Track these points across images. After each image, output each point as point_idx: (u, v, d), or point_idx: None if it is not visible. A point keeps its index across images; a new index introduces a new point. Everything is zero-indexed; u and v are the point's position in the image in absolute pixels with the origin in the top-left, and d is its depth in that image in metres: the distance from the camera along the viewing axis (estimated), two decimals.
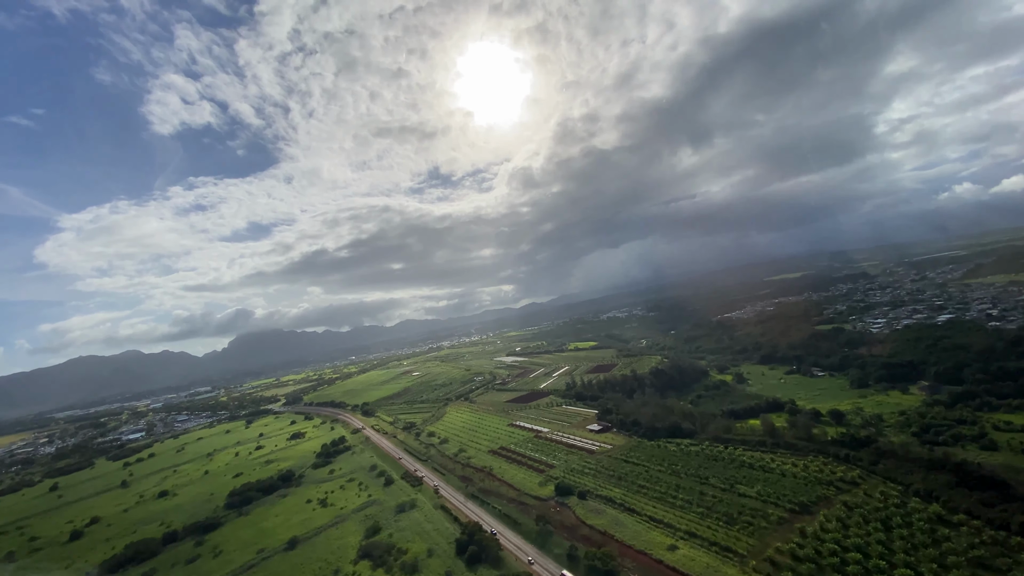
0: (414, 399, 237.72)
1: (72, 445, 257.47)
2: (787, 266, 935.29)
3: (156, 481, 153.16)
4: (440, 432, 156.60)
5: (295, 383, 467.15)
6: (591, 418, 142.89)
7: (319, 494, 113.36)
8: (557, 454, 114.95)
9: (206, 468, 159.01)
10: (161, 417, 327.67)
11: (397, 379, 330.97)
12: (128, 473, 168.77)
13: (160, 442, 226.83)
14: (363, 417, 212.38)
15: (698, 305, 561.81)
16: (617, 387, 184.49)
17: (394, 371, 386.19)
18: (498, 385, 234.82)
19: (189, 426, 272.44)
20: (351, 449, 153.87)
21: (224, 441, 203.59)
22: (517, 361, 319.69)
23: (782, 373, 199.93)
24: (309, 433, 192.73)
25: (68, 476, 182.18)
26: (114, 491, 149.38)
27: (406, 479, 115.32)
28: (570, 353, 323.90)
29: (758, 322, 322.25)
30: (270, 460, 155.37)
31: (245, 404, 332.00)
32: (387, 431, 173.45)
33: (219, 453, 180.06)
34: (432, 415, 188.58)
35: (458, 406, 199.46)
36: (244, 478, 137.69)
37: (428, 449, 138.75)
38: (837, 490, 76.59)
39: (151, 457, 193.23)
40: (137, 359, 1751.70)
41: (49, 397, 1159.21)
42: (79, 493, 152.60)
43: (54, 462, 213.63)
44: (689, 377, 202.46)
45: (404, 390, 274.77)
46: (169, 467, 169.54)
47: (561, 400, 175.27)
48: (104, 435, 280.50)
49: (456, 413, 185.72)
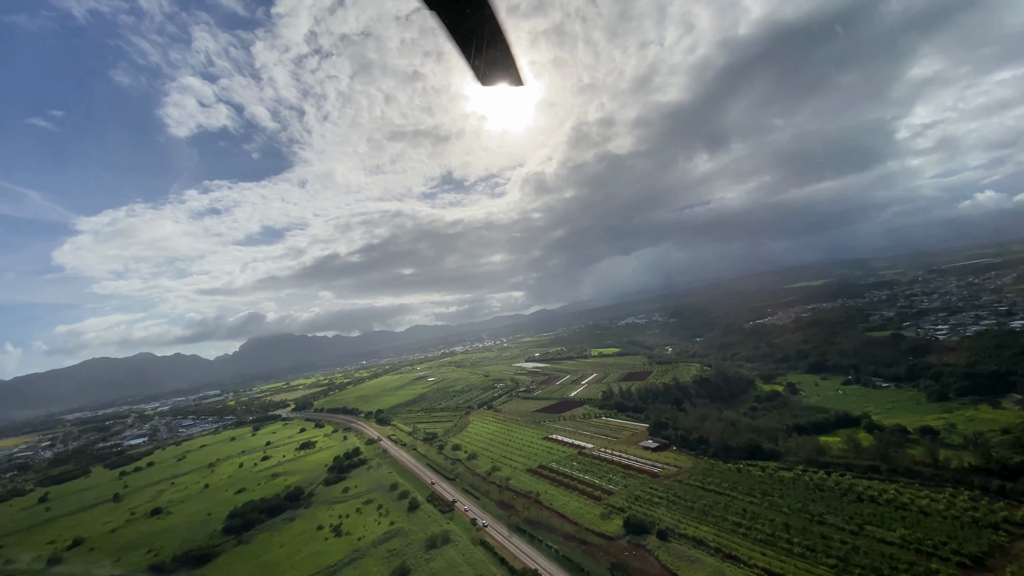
0: (432, 406, 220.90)
1: (72, 450, 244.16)
2: (804, 274, 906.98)
3: (151, 495, 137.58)
4: (466, 445, 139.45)
5: (305, 388, 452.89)
6: (642, 433, 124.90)
7: (332, 519, 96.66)
8: (612, 476, 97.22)
9: (206, 481, 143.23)
10: (166, 422, 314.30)
11: (412, 385, 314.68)
12: (123, 484, 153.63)
13: (162, 449, 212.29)
14: (378, 425, 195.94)
15: (720, 312, 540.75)
16: (659, 397, 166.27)
17: (408, 376, 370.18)
18: (522, 393, 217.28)
19: (193, 432, 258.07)
20: (367, 463, 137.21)
21: (228, 449, 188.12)
22: (538, 367, 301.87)
23: (838, 383, 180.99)
24: (320, 443, 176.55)
25: (61, 485, 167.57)
26: (105, 505, 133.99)
27: (433, 503, 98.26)
28: (594, 359, 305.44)
29: (796, 328, 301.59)
30: (277, 473, 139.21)
31: (253, 409, 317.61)
32: (406, 442, 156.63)
33: (222, 463, 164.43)
34: (454, 425, 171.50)
35: (481, 415, 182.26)
36: (247, 495, 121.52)
37: (455, 465, 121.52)
38: (1010, 535, 58.31)
39: (149, 466, 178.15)
40: (150, 361, 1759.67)
41: (62, 398, 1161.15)
42: (68, 506, 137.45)
43: (50, 468, 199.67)
44: (736, 387, 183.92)
45: (420, 396, 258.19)
46: (167, 478, 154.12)
47: (599, 411, 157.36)
48: (106, 440, 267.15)
49: (480, 423, 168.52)
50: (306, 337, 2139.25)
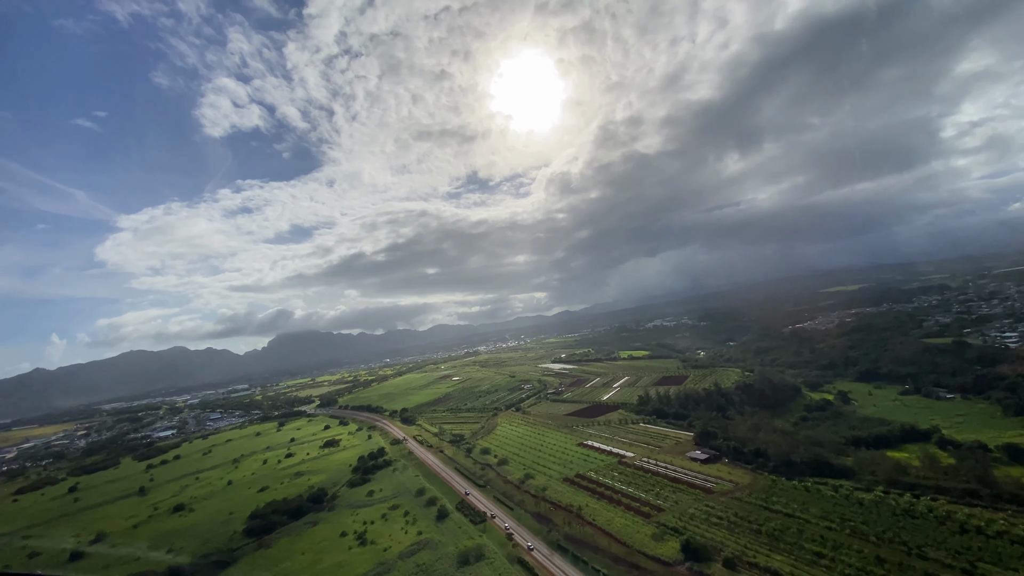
0: (458, 407, 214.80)
1: (105, 440, 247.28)
2: (840, 278, 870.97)
3: (175, 490, 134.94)
4: (495, 449, 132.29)
5: (330, 384, 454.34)
6: (687, 442, 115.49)
7: (356, 525, 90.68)
8: (660, 491, 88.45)
9: (230, 477, 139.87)
10: (195, 414, 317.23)
11: (436, 384, 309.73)
12: (149, 477, 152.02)
13: (189, 442, 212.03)
14: (403, 425, 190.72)
15: (753, 315, 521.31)
16: (701, 403, 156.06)
17: (432, 375, 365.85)
18: (551, 395, 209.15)
19: (220, 425, 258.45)
20: (392, 464, 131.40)
21: (253, 445, 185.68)
22: (565, 369, 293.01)
23: (894, 393, 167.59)
24: (344, 441, 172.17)
25: (92, 475, 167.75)
26: (131, 498, 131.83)
27: (463, 511, 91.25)
28: (624, 362, 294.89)
29: (841, 334, 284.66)
30: (300, 472, 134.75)
31: (279, 404, 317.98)
32: (432, 444, 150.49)
33: (246, 459, 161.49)
34: (481, 427, 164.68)
35: (509, 417, 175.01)
36: (270, 494, 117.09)
37: (485, 471, 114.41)
38: None
39: (176, 459, 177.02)
40: (183, 355, 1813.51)
41: (101, 388, 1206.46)
42: (95, 498, 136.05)
43: (83, 458, 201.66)
44: (782, 394, 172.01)
45: (445, 396, 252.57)
46: (192, 473, 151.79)
47: (636, 416, 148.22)
48: (138, 431, 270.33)
49: (509, 426, 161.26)
50: (332, 334, 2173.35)
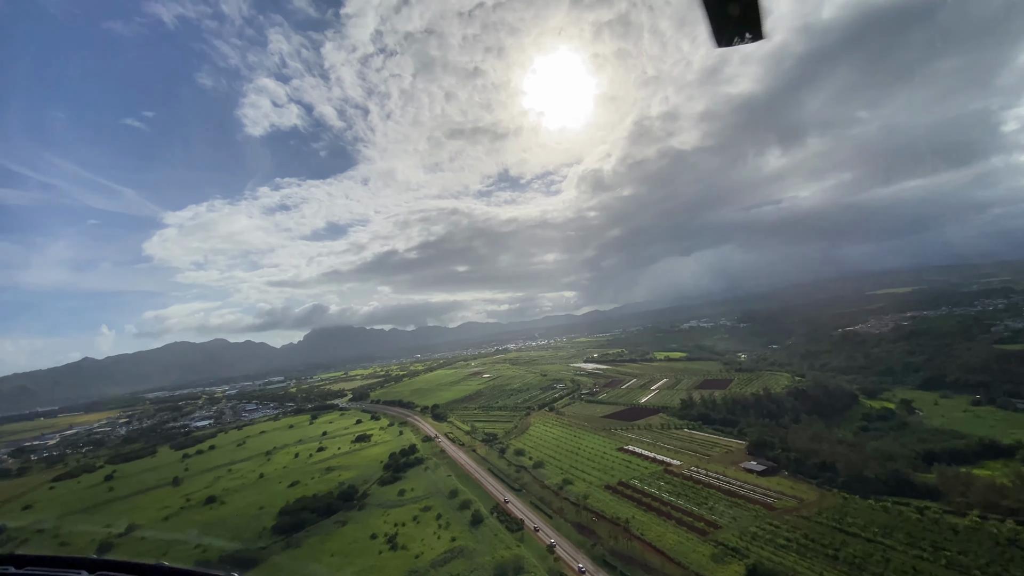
0: (489, 404, 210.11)
1: (145, 428, 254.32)
2: (889, 280, 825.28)
3: (208, 481, 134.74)
4: (530, 450, 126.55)
5: (362, 378, 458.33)
6: (738, 451, 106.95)
7: (387, 526, 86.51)
8: (714, 505, 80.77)
9: (262, 470, 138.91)
10: (232, 405, 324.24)
11: (467, 380, 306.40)
12: (184, 468, 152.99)
13: (224, 432, 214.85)
14: (434, 421, 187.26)
15: (796, 317, 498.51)
16: (749, 409, 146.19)
17: (462, 371, 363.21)
18: (585, 395, 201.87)
19: (255, 416, 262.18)
20: (423, 462, 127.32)
21: (286, 438, 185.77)
22: (599, 369, 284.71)
23: (964, 403, 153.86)
24: (376, 436, 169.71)
25: (129, 463, 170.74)
26: (164, 488, 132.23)
27: (499, 517, 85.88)
28: (661, 364, 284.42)
29: (897, 338, 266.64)
30: (331, 467, 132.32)
31: (312, 397, 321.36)
32: (464, 442, 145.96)
33: (278, 452, 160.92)
34: (514, 426, 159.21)
35: (543, 417, 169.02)
36: (300, 489, 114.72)
37: (520, 474, 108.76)
38: None
39: (211, 450, 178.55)
40: (224, 347, 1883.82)
41: (146, 378, 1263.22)
42: (130, 487, 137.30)
43: (122, 446, 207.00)
44: (838, 401, 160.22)
45: (476, 393, 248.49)
46: (225, 464, 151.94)
47: (679, 421, 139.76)
48: (177, 420, 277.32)
49: (543, 426, 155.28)
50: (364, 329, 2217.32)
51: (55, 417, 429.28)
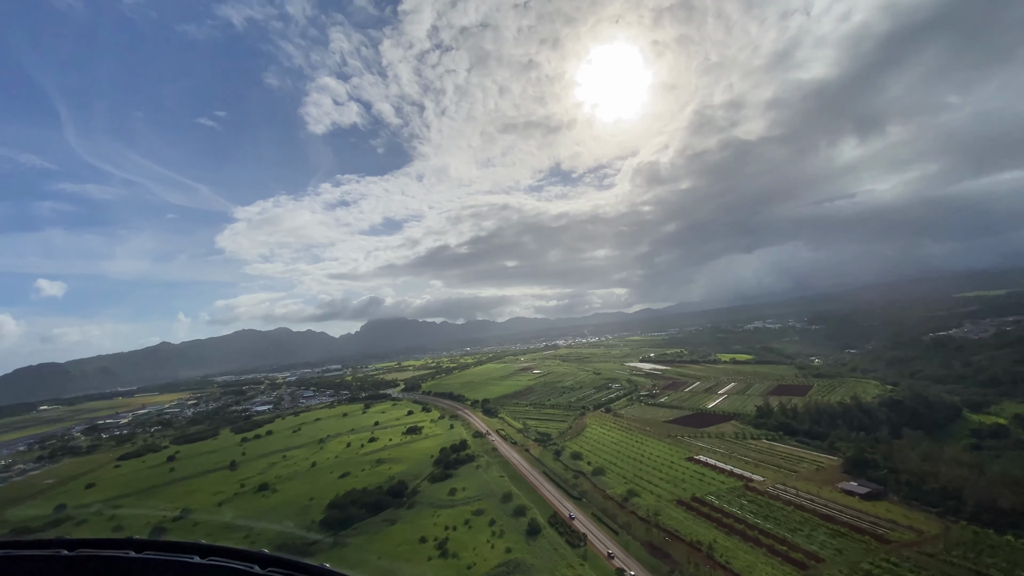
0: (540, 402, 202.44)
1: (210, 410, 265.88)
2: (977, 281, 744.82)
3: (263, 467, 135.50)
4: (588, 454, 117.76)
5: (414, 369, 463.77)
6: (832, 469, 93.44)
7: (437, 529, 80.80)
8: (811, 532, 69.07)
9: (315, 458, 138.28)
10: (291, 391, 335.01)
11: (516, 376, 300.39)
12: (241, 452, 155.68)
13: (282, 418, 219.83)
14: (484, 416, 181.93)
15: (875, 320, 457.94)
16: (837, 420, 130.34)
17: (512, 366, 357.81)
18: (644, 397, 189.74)
19: (312, 403, 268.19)
20: (475, 460, 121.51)
21: (339, 426, 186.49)
22: (657, 369, 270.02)
23: None
24: (426, 428, 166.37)
25: (191, 445, 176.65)
26: (221, 472, 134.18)
27: (557, 528, 78.00)
28: (726, 366, 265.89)
29: (1001, 345, 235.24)
30: (382, 460, 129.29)
31: (366, 386, 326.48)
32: (516, 440, 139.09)
33: (331, 440, 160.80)
34: (569, 427, 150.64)
35: (599, 419, 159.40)
36: (350, 481, 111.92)
37: (578, 480, 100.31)
38: None
39: (268, 435, 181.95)
40: (287, 335, 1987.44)
41: (217, 362, 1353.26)
42: (190, 468, 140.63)
43: (187, 427, 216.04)
44: (939, 414, 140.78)
45: (527, 389, 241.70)
46: (280, 450, 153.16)
47: (755, 430, 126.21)
48: (239, 403, 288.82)
49: (600, 428, 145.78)
50: (417, 322, 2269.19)
51: (132, 397, 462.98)
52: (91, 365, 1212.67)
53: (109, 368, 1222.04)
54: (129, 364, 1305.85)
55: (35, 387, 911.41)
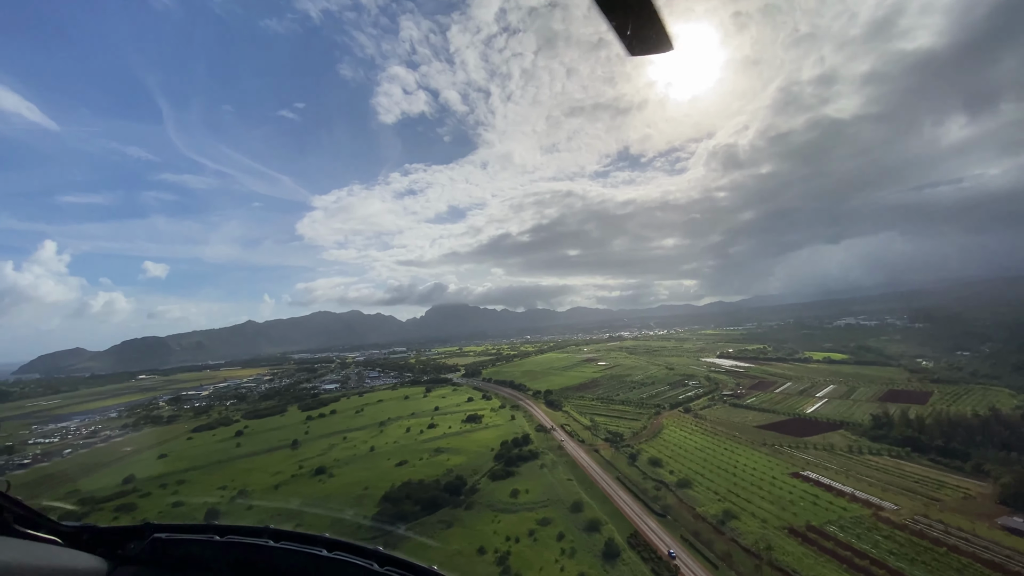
0: (608, 396, 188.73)
1: (282, 386, 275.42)
2: None
3: (323, 447, 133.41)
4: (668, 461, 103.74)
5: (475, 355, 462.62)
6: (983, 498, 74.17)
7: (498, 539, 71.21)
8: None
9: (373, 442, 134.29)
10: (358, 371, 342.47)
11: (580, 367, 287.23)
12: (304, 430, 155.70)
13: (347, 397, 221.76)
14: (548, 409, 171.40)
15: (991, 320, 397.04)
16: (975, 434, 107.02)
17: (574, 356, 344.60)
18: (728, 398, 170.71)
19: (376, 384, 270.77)
20: (538, 457, 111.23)
21: (400, 409, 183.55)
22: (738, 367, 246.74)
23: None
24: (487, 418, 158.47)
25: (260, 420, 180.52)
26: (283, 451, 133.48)
27: (640, 552, 65.78)
28: (819, 366, 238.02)
29: None
30: (440, 449, 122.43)
31: (428, 369, 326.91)
32: (584, 438, 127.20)
33: (391, 424, 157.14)
34: (643, 427, 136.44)
35: (678, 420, 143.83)
36: (407, 470, 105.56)
37: (660, 492, 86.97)
38: None
39: (332, 414, 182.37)
40: (358, 318, 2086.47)
41: (295, 341, 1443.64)
42: (255, 445, 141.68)
43: (259, 402, 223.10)
44: None
45: (592, 382, 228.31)
46: (341, 431, 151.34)
47: (872, 444, 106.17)
48: (310, 381, 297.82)
49: (679, 431, 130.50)
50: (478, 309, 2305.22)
51: (218, 370, 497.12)
52: (187, 340, 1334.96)
53: (202, 343, 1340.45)
54: (219, 340, 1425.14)
55: (140, 358, 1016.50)
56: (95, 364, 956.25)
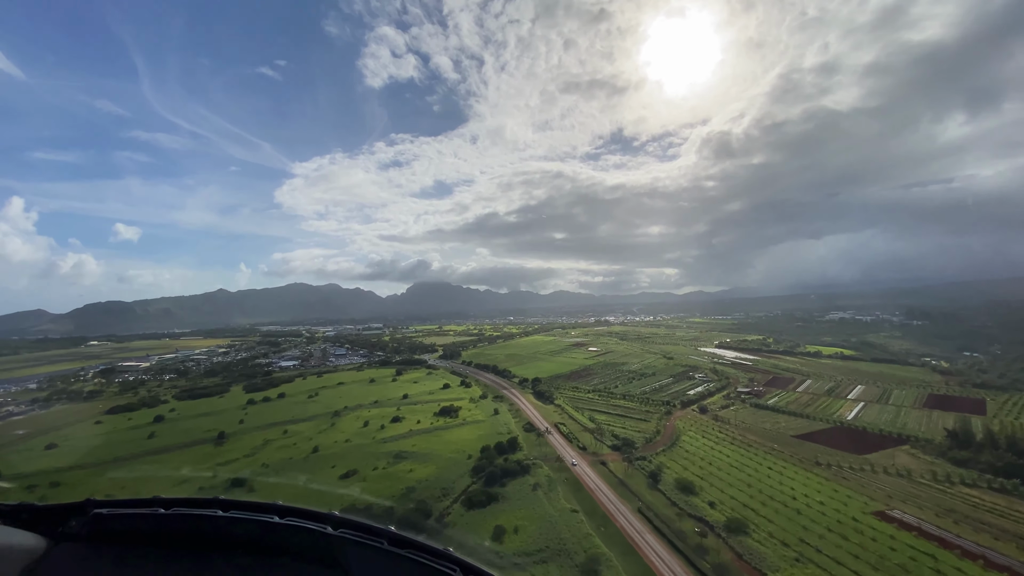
0: (606, 388, 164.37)
1: (235, 361, 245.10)
2: None
3: (254, 444, 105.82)
4: (701, 484, 78.73)
5: (455, 334, 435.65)
6: None
7: None
8: None
9: (319, 440, 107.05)
10: (323, 347, 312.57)
11: (569, 352, 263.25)
12: (239, 419, 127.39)
13: (303, 377, 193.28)
14: (536, 401, 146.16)
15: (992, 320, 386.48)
16: None
17: (562, 340, 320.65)
18: (746, 396, 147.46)
19: (341, 363, 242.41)
20: (529, 471, 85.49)
21: (362, 395, 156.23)
22: (742, 358, 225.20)
23: None
24: (465, 411, 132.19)
25: (193, 402, 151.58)
26: (203, 446, 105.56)
27: None
28: (831, 362, 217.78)
29: None
30: (402, 454, 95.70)
31: (402, 348, 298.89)
32: (584, 444, 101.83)
33: (347, 415, 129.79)
34: (656, 431, 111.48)
35: (695, 421, 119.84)
36: (353, 486, 79.19)
37: (705, 540, 61.86)
38: None
39: (280, 398, 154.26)
40: (336, 292, 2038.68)
41: (268, 312, 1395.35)
42: (172, 436, 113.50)
43: (200, 378, 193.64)
44: None
45: (584, 369, 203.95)
46: (284, 422, 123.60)
47: (954, 468, 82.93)
48: (268, 356, 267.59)
49: (700, 437, 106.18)
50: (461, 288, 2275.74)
51: (178, 339, 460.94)
52: (155, 306, 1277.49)
53: (171, 310, 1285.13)
54: (189, 308, 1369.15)
55: (102, 323, 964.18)
56: (53, 327, 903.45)
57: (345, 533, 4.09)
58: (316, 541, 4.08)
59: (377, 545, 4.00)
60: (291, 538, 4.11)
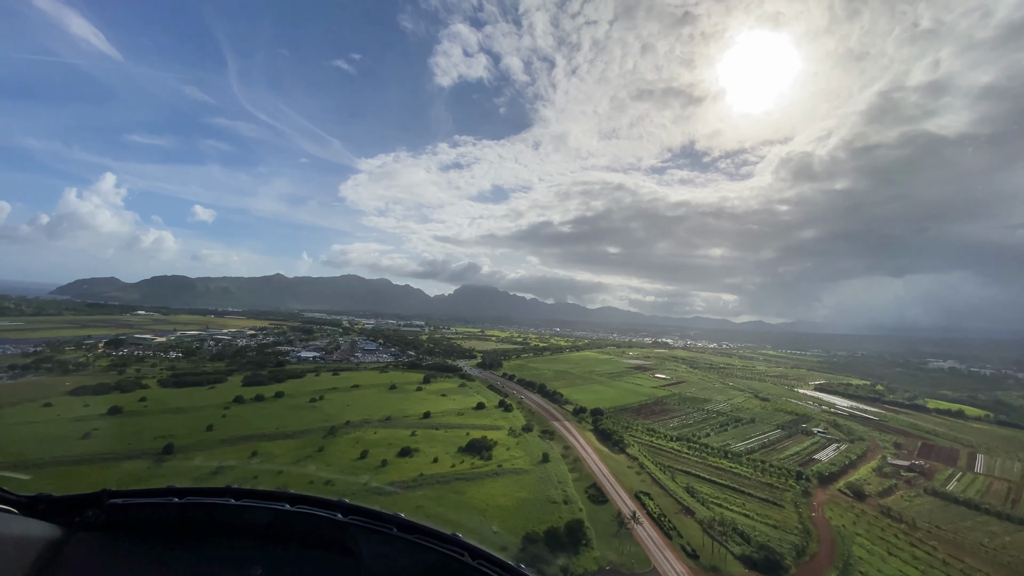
0: (696, 437, 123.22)
1: (252, 346, 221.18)
2: None
3: (206, 470, 74.87)
4: None
5: (497, 340, 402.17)
6: None
7: None
8: None
9: (288, 476, 74.41)
10: (353, 340, 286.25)
11: (631, 376, 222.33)
12: (210, 424, 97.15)
13: (316, 374, 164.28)
14: (601, 445, 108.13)
15: None
16: None
17: (619, 361, 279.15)
18: (904, 470, 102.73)
19: (367, 359, 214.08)
20: None
21: (374, 406, 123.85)
22: (860, 409, 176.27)
23: None
24: (500, 450, 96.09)
25: (177, 391, 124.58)
26: (142, 461, 75.80)
27: None
28: (981, 426, 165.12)
29: None
30: None
31: (437, 351, 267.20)
32: (695, 548, 63.16)
33: (345, 434, 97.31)
34: (797, 524, 70.89)
35: (853, 515, 78.06)
36: None
37: None
38: None
39: (276, 397, 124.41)
40: (386, 286, 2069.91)
41: (321, 300, 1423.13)
42: (117, 439, 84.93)
43: (202, 363, 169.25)
44: None
45: (656, 402, 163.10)
46: (261, 436, 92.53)
47: None
48: (292, 343, 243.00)
49: (883, 552, 64.92)
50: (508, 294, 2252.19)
51: (222, 317, 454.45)
52: (215, 284, 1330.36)
53: (229, 289, 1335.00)
54: (247, 289, 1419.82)
55: (166, 294, 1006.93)
56: (122, 295, 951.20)
57: (355, 520, 4.19)
58: (326, 527, 4.18)
59: (386, 531, 4.11)
60: (302, 525, 4.22)
